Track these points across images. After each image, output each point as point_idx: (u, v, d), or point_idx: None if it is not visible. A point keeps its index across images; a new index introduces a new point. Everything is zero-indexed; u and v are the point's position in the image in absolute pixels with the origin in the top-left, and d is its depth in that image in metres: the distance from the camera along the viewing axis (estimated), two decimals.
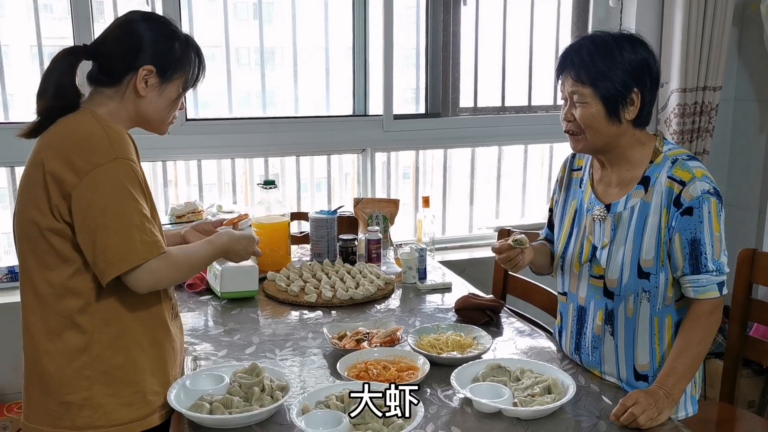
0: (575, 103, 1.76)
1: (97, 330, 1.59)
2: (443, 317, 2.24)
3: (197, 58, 1.71)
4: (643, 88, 1.73)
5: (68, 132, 1.56)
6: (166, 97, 1.67)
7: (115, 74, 1.61)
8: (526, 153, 3.72)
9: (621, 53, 1.71)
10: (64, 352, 1.57)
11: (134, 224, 1.53)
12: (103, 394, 1.59)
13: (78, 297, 1.57)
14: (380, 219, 2.98)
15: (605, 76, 1.71)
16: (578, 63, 1.73)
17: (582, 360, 1.91)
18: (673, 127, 3.40)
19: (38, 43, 2.90)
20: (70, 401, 1.57)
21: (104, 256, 1.51)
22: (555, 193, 2.06)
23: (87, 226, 1.51)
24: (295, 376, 1.79)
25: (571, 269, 1.92)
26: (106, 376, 1.59)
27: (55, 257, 1.56)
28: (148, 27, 1.63)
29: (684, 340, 1.73)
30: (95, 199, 1.50)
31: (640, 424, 1.54)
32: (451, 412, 1.63)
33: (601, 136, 1.76)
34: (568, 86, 1.76)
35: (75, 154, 1.51)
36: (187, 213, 2.76)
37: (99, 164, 1.51)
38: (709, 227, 1.71)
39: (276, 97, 3.36)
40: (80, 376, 1.58)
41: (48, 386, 1.58)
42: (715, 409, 2.30)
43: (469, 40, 3.47)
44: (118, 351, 1.61)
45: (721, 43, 3.36)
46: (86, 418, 1.57)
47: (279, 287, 2.43)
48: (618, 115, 1.73)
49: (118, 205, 1.52)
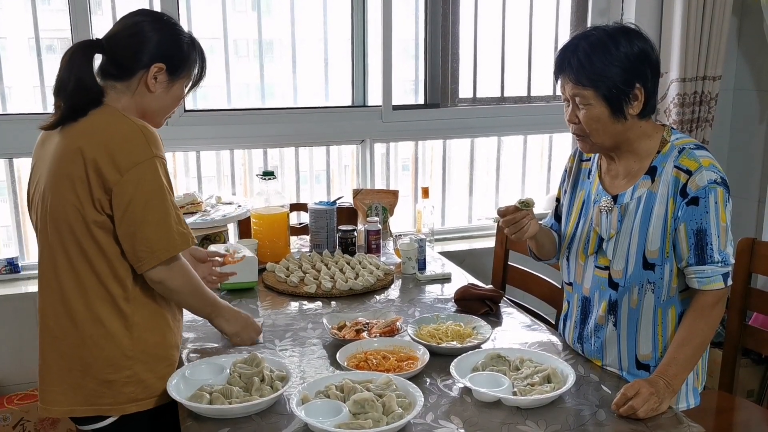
0: (578, 105, 1.73)
1: (137, 313, 1.71)
2: (443, 307, 2.24)
3: (200, 59, 1.82)
4: (645, 80, 1.70)
5: (107, 128, 1.64)
6: (172, 95, 1.77)
7: (126, 69, 1.70)
8: (525, 143, 3.71)
9: (618, 49, 1.68)
10: (107, 336, 1.68)
11: (171, 217, 1.67)
12: (144, 370, 1.71)
13: (119, 284, 1.68)
14: (379, 210, 2.97)
15: (605, 76, 1.67)
16: (576, 65, 1.70)
17: (584, 350, 1.91)
18: (672, 117, 3.39)
19: (36, 36, 2.89)
20: (113, 380, 1.69)
21: (145, 246, 1.64)
22: (563, 182, 2.04)
23: (128, 219, 1.62)
24: (294, 367, 1.79)
25: (576, 260, 1.91)
26: (145, 355, 1.72)
27: (97, 248, 1.65)
28: (158, 27, 1.72)
29: (687, 330, 1.72)
30: (136, 194, 1.62)
31: (640, 415, 1.55)
32: (451, 402, 1.64)
33: (607, 135, 1.74)
34: (568, 89, 1.73)
35: (117, 152, 1.61)
36: (186, 204, 2.75)
37: (139, 162, 1.62)
38: (716, 217, 1.69)
39: (275, 89, 3.35)
40: (124, 357, 1.69)
41: (91, 368, 1.69)
42: (714, 398, 2.30)
43: (468, 30, 3.45)
44: (154, 331, 1.74)
45: (721, 33, 3.35)
46: (129, 394, 1.70)
47: (278, 278, 2.43)
48: (623, 112, 1.70)
49: (156, 201, 1.64)
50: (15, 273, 2.93)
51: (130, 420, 1.72)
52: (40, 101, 2.95)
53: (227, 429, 1.51)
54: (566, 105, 1.79)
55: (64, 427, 2.78)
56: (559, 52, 1.76)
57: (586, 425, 1.53)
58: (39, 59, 2.90)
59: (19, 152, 2.87)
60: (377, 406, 1.50)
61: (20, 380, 2.82)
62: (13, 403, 2.73)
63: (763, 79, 3.59)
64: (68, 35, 2.86)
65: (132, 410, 1.70)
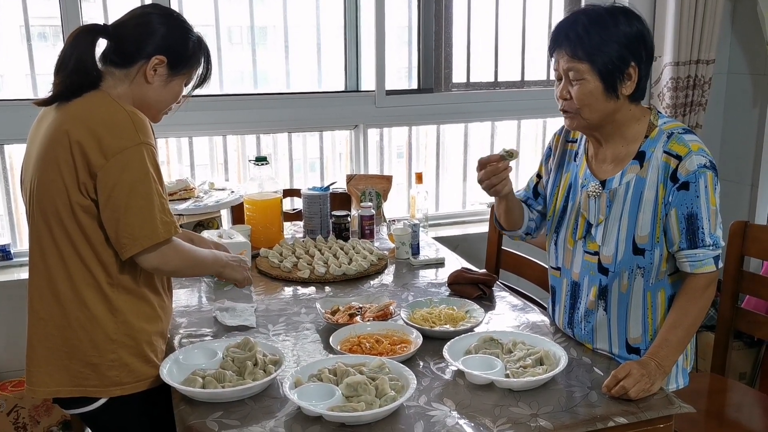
0: (571, 80, 1.72)
1: (121, 298, 1.71)
2: (436, 291, 2.24)
3: (206, 60, 1.83)
4: (639, 61, 1.70)
5: (95, 112, 1.64)
6: (170, 90, 1.77)
7: (128, 57, 1.70)
8: (519, 128, 3.71)
9: (617, 26, 1.67)
10: (92, 319, 1.68)
11: (155, 205, 1.65)
12: (128, 355, 1.71)
13: (103, 269, 1.68)
14: (373, 195, 2.97)
15: (602, 50, 1.67)
16: (573, 38, 1.69)
17: (575, 334, 1.91)
18: (666, 101, 3.39)
19: (26, 23, 2.87)
20: (97, 363, 1.69)
21: (127, 233, 1.62)
22: (547, 159, 2.02)
23: (112, 204, 1.61)
24: (288, 351, 1.79)
25: (564, 245, 1.91)
26: (130, 339, 1.72)
27: (81, 232, 1.65)
28: (167, 21, 1.74)
29: (678, 313, 1.73)
30: (121, 179, 1.60)
31: (632, 396, 1.55)
32: (444, 384, 1.64)
33: (597, 112, 1.73)
34: (563, 63, 1.72)
35: (104, 136, 1.60)
36: (179, 190, 2.74)
37: (126, 147, 1.61)
38: (706, 201, 1.70)
39: (268, 75, 3.33)
40: (108, 340, 1.69)
41: (76, 350, 1.69)
42: (706, 380, 2.32)
43: (462, 14, 3.44)
44: (139, 317, 1.74)
45: (715, 16, 3.34)
46: (114, 378, 1.71)
47: (272, 264, 2.43)
48: (616, 90, 1.70)
49: (141, 187, 1.62)
50: (7, 260, 2.92)
51: (118, 403, 1.73)
52: (31, 88, 2.93)
53: (220, 413, 1.52)
54: (558, 82, 1.78)
55: (58, 413, 2.79)
56: (556, 26, 1.75)
57: (577, 407, 1.54)
58: (29, 45, 2.89)
59: (10, 139, 2.86)
60: (370, 389, 1.50)
61: (14, 367, 2.82)
62: (7, 389, 2.73)
63: (756, 63, 3.59)
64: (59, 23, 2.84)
65: (117, 393, 1.71)
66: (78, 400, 1.73)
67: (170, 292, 1.89)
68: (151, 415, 1.78)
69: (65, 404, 1.78)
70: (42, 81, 2.92)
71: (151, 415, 1.78)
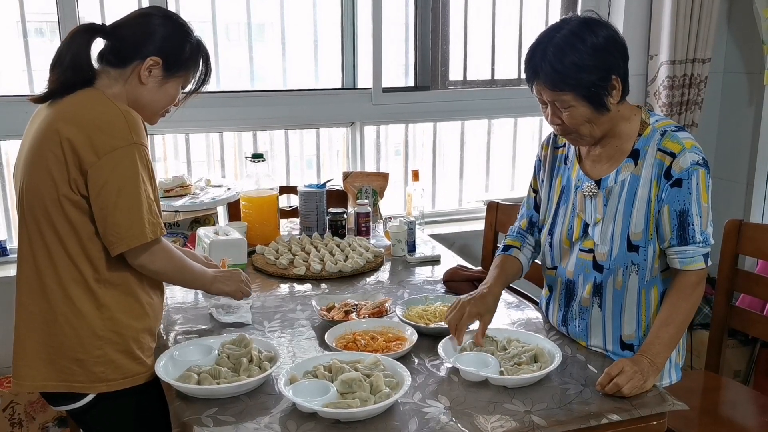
0: (559, 108, 1.72)
1: (108, 295, 1.70)
2: (431, 289, 2.25)
3: (204, 64, 1.82)
4: (618, 69, 1.70)
5: (88, 110, 1.64)
6: (165, 92, 1.76)
7: (124, 57, 1.70)
8: (515, 126, 3.71)
9: (584, 42, 1.65)
10: (79, 316, 1.68)
11: (143, 206, 1.65)
12: (114, 351, 1.71)
13: (90, 265, 1.68)
14: (369, 192, 2.97)
15: (580, 76, 1.65)
16: (549, 71, 1.67)
17: (569, 331, 1.92)
18: (662, 100, 3.40)
19: (22, 19, 2.87)
20: (83, 359, 1.69)
21: (114, 232, 1.63)
22: (538, 172, 2.02)
23: (101, 203, 1.62)
24: (283, 348, 1.80)
25: (560, 245, 1.91)
26: (117, 335, 1.71)
27: (69, 226, 1.65)
28: (165, 23, 1.74)
29: (669, 310, 1.74)
30: (111, 179, 1.61)
31: (625, 393, 1.56)
32: (439, 382, 1.65)
33: (598, 128, 1.74)
34: (546, 96, 1.71)
35: (96, 134, 1.60)
36: (175, 187, 2.75)
37: (118, 147, 1.61)
38: (697, 198, 1.71)
39: (265, 72, 3.33)
40: (94, 336, 1.69)
41: (63, 345, 1.69)
42: (700, 378, 2.33)
43: (459, 11, 3.44)
44: (126, 314, 1.73)
45: (711, 15, 3.35)
46: (100, 374, 1.70)
47: (268, 260, 2.43)
48: (605, 105, 1.70)
49: (131, 188, 1.63)
50: (3, 256, 2.92)
51: (106, 400, 1.73)
52: (27, 84, 2.93)
53: (215, 409, 1.52)
54: (543, 108, 1.77)
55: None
56: (527, 59, 1.74)
57: (571, 404, 1.54)
58: (26, 41, 2.88)
59: (6, 135, 2.85)
60: (365, 385, 1.51)
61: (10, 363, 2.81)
62: (2, 385, 2.73)
63: (752, 61, 3.59)
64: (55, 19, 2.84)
65: (103, 390, 1.71)
66: (66, 396, 1.73)
67: (161, 291, 1.88)
68: (140, 412, 1.78)
69: (54, 401, 1.78)
70: (38, 77, 2.92)
71: (141, 412, 1.78)
